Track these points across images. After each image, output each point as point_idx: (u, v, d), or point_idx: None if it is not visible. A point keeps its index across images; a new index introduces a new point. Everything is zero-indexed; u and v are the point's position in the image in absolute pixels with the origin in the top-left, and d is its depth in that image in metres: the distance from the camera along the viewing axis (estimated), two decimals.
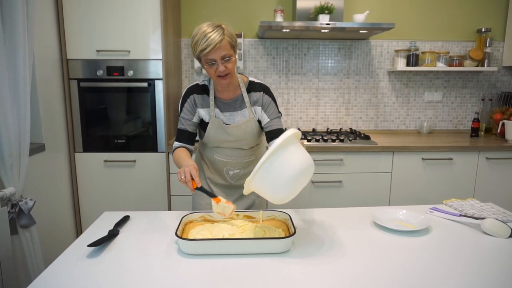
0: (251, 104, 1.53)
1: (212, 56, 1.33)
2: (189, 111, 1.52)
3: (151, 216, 1.38)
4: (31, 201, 1.67)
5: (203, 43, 1.30)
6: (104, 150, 2.45)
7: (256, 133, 1.56)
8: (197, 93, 1.52)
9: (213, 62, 1.35)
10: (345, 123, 3.11)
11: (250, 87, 1.54)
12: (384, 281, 0.92)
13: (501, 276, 0.95)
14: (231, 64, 1.38)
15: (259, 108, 1.54)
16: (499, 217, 1.30)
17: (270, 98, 1.55)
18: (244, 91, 1.52)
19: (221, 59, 1.34)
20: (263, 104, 1.53)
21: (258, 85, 1.56)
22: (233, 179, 1.63)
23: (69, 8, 2.28)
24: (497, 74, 3.09)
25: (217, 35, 1.30)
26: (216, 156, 1.59)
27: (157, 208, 2.49)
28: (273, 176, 1.04)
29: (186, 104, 1.52)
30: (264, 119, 1.54)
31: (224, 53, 1.33)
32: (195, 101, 1.52)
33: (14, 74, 1.63)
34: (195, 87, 1.54)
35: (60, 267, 1.00)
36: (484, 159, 2.53)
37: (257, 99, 1.53)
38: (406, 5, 2.97)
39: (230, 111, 1.52)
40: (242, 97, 1.53)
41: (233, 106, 1.52)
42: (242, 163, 1.60)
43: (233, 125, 1.51)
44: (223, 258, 1.04)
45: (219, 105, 1.52)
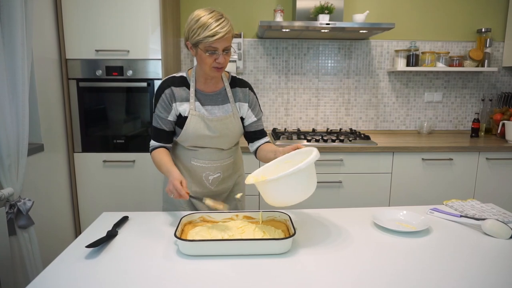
0: (237, 100, 1.49)
1: (217, 45, 1.28)
2: (164, 108, 1.43)
3: (150, 216, 1.37)
4: (29, 201, 1.66)
5: (210, 29, 1.25)
6: (103, 150, 2.44)
7: (238, 130, 1.50)
8: (175, 85, 1.43)
9: (215, 51, 1.30)
10: (345, 123, 3.10)
11: (233, 82, 1.50)
12: (384, 281, 0.92)
13: (502, 277, 0.94)
14: (229, 57, 1.36)
15: (245, 105, 1.50)
16: (500, 218, 1.30)
17: (255, 96, 1.54)
18: (228, 86, 1.48)
19: (223, 50, 1.31)
20: (250, 102, 1.51)
21: (242, 81, 1.52)
22: (213, 185, 1.54)
23: (68, 7, 2.27)
24: (497, 74, 3.08)
25: (225, 25, 1.27)
26: (193, 162, 1.50)
27: (156, 208, 2.47)
28: (292, 188, 1.12)
29: (161, 100, 1.42)
30: (250, 117, 1.51)
31: (227, 44, 1.31)
32: (172, 95, 1.42)
33: (13, 74, 1.62)
34: (172, 79, 1.45)
35: (58, 268, 0.99)
36: (484, 159, 2.53)
37: (243, 95, 1.50)
38: (406, 5, 2.96)
39: (211, 105, 1.45)
40: (225, 91, 1.48)
41: (214, 100, 1.46)
42: (222, 166, 1.52)
43: (216, 118, 1.43)
44: (222, 259, 1.03)
45: (200, 97, 1.44)
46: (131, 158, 2.44)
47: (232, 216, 1.27)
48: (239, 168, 1.66)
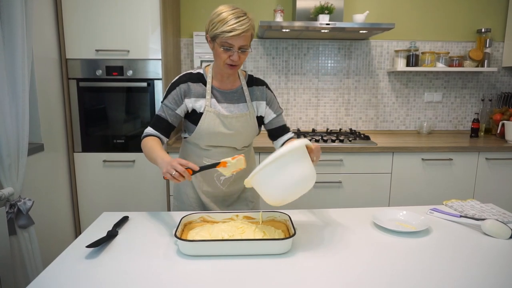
0: (252, 99, 1.48)
1: (233, 41, 1.28)
2: (174, 100, 1.41)
3: (150, 216, 1.37)
4: (29, 201, 1.66)
5: (228, 25, 1.26)
6: (103, 150, 2.44)
7: (253, 129, 1.49)
8: (192, 81, 1.42)
9: (230, 48, 1.30)
10: (345, 123, 3.10)
11: (250, 81, 1.50)
12: (384, 282, 0.92)
13: (502, 277, 0.94)
14: (244, 56, 1.35)
15: (262, 104, 1.49)
16: (499, 218, 1.30)
17: (272, 93, 1.54)
18: (244, 84, 1.48)
19: (239, 48, 1.31)
20: (268, 99, 1.50)
21: (258, 80, 1.53)
22: (224, 185, 1.52)
23: (68, 7, 2.27)
24: (497, 74, 3.09)
25: (245, 23, 1.27)
26: (205, 161, 1.47)
27: (156, 208, 2.48)
28: (276, 179, 1.07)
29: (173, 93, 1.40)
30: (270, 115, 1.51)
31: (244, 43, 1.31)
32: (188, 91, 1.40)
33: (13, 73, 1.62)
34: (190, 75, 1.43)
35: (58, 268, 0.99)
36: (484, 159, 2.53)
37: (260, 94, 1.49)
38: (406, 5, 2.97)
39: (227, 103, 1.44)
40: (242, 89, 1.47)
41: (230, 98, 1.45)
42: None
43: (231, 115, 1.42)
44: (222, 259, 1.03)
45: (216, 95, 1.44)
46: (131, 158, 2.44)
47: (232, 216, 1.27)
48: (251, 168, 1.63)
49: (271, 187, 1.10)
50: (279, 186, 1.09)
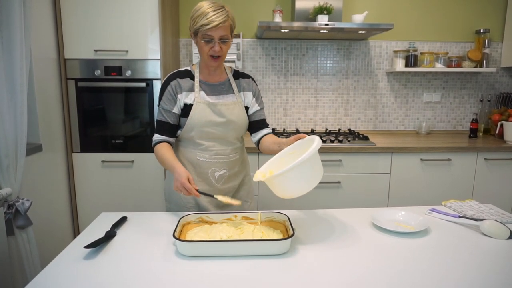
0: (239, 90, 1.54)
1: (212, 33, 1.34)
2: (169, 100, 1.46)
3: (149, 217, 1.37)
4: (27, 201, 1.66)
5: (206, 18, 1.32)
6: (102, 151, 2.44)
7: (244, 118, 1.52)
8: (180, 77, 1.47)
9: (210, 39, 1.36)
10: (344, 123, 3.10)
11: (236, 75, 1.56)
12: (383, 282, 0.92)
13: (500, 277, 0.94)
14: (226, 47, 1.40)
15: (249, 94, 1.55)
16: (498, 219, 1.30)
17: (257, 87, 1.61)
18: (231, 77, 1.54)
19: (219, 39, 1.36)
20: (254, 91, 1.57)
21: (244, 73, 1.59)
22: (219, 182, 1.53)
23: (66, 7, 2.27)
24: (495, 75, 3.09)
25: (221, 15, 1.34)
26: (199, 157, 1.49)
27: (155, 209, 2.48)
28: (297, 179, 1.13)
29: (166, 92, 1.46)
30: (254, 106, 1.56)
31: (223, 33, 1.36)
32: (178, 87, 1.45)
33: (11, 73, 1.62)
34: (177, 72, 1.49)
35: (56, 268, 0.99)
36: (483, 160, 2.53)
37: (247, 85, 1.55)
38: (405, 5, 2.97)
39: (216, 95, 1.49)
40: (229, 82, 1.53)
41: (219, 90, 1.50)
42: (228, 163, 1.53)
43: (222, 102, 1.47)
44: (221, 260, 1.03)
45: (204, 88, 1.48)
46: (129, 158, 2.44)
47: (231, 217, 1.27)
48: (245, 167, 1.67)
49: (292, 186, 1.15)
50: (300, 185, 1.14)
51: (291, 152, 1.28)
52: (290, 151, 1.28)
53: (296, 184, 1.14)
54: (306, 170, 1.12)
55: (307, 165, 1.10)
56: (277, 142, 1.41)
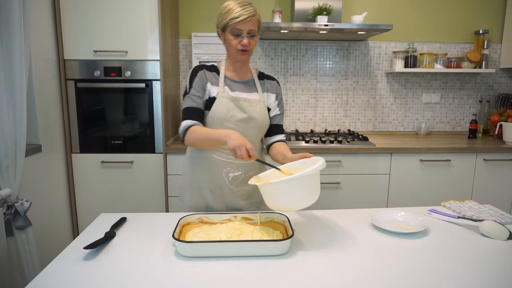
0: (264, 90, 1.54)
1: (241, 26, 1.37)
2: (200, 87, 1.44)
3: (148, 217, 1.37)
4: (27, 202, 1.66)
5: (237, 11, 1.36)
6: (101, 151, 2.44)
7: (265, 117, 1.50)
8: (207, 69, 1.48)
9: (239, 33, 1.38)
10: (343, 124, 3.11)
11: (261, 75, 1.57)
12: (382, 282, 0.92)
13: (500, 278, 0.94)
14: (254, 42, 1.42)
15: (272, 96, 1.55)
16: (497, 219, 1.30)
17: (281, 91, 1.61)
18: (256, 77, 1.55)
19: (248, 33, 1.39)
20: (277, 94, 1.57)
21: (269, 75, 1.60)
22: (232, 183, 1.48)
23: (66, 8, 2.27)
24: (494, 75, 3.10)
25: (250, 9, 1.38)
26: (215, 155, 1.45)
27: (154, 209, 2.48)
28: (290, 192, 1.11)
29: (196, 80, 1.44)
30: (275, 110, 1.56)
31: (252, 27, 1.38)
32: (205, 77, 1.45)
33: (11, 74, 1.62)
34: (203, 65, 1.49)
35: (56, 269, 0.99)
36: (482, 160, 2.53)
37: (271, 87, 1.56)
38: (404, 6, 2.97)
39: (239, 91, 1.48)
40: (253, 81, 1.53)
41: (242, 87, 1.50)
42: (244, 165, 1.47)
43: (244, 97, 1.46)
44: (220, 260, 1.03)
45: (229, 83, 1.48)
46: (129, 159, 2.44)
47: (230, 217, 1.27)
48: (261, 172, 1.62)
49: (283, 198, 1.13)
50: (292, 200, 1.12)
51: (294, 168, 1.27)
52: (293, 167, 1.28)
53: (287, 197, 1.12)
54: (302, 186, 1.10)
55: (304, 182, 1.09)
56: (283, 154, 1.41)
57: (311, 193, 1.13)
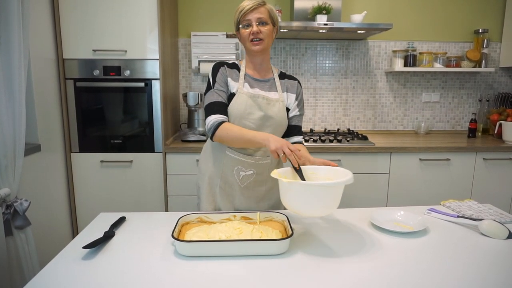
0: (284, 90, 1.51)
1: (248, 16, 1.37)
2: (223, 81, 1.45)
3: (148, 217, 1.37)
4: (26, 202, 1.66)
5: (244, 5, 1.38)
6: (101, 151, 2.43)
7: (283, 117, 1.47)
8: (227, 66, 1.48)
9: (248, 23, 1.38)
10: (343, 123, 3.11)
11: (282, 75, 1.55)
12: (382, 282, 0.92)
13: (499, 277, 0.94)
14: (266, 30, 1.40)
15: (292, 96, 1.52)
16: (497, 218, 1.30)
17: (302, 92, 1.58)
18: (276, 76, 1.52)
19: (257, 20, 1.38)
20: (298, 94, 1.54)
21: (291, 75, 1.57)
22: (243, 182, 1.48)
23: (65, 7, 2.27)
24: (494, 75, 3.10)
25: (257, 1, 1.38)
26: (228, 152, 1.45)
27: (154, 209, 2.48)
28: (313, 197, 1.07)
29: (219, 75, 1.45)
30: (294, 111, 1.53)
31: (260, 15, 1.38)
32: (226, 72, 1.46)
33: (9, 73, 1.62)
34: (224, 62, 1.50)
35: (55, 269, 0.99)
36: (482, 159, 2.53)
37: (291, 87, 1.53)
38: (404, 5, 2.97)
39: (258, 89, 1.47)
40: (274, 80, 1.51)
41: (262, 86, 1.48)
42: (256, 165, 1.46)
43: (263, 95, 1.44)
44: (219, 259, 1.03)
45: (249, 81, 1.47)
46: (128, 158, 2.43)
47: (230, 217, 1.26)
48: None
49: (304, 202, 1.09)
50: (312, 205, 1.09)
51: (312, 172, 1.24)
52: (311, 171, 1.25)
53: (310, 202, 1.08)
54: (329, 195, 1.07)
55: (332, 191, 1.06)
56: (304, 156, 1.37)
57: (334, 204, 1.10)
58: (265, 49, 1.44)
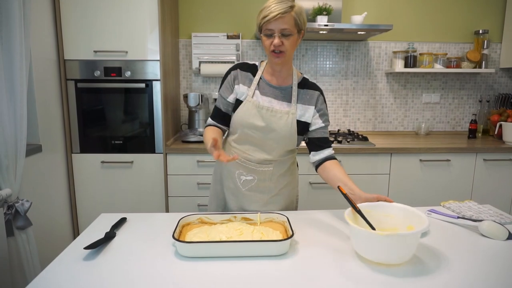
0: (300, 101, 1.41)
1: (271, 26, 1.26)
2: (227, 88, 1.42)
3: (148, 218, 1.37)
4: (27, 202, 1.66)
5: (266, 10, 1.26)
6: (101, 151, 2.44)
7: (289, 131, 1.38)
8: (241, 69, 1.43)
9: (271, 33, 1.28)
10: (343, 124, 3.11)
11: (303, 83, 1.44)
12: (382, 282, 0.92)
13: (499, 278, 0.95)
14: (289, 42, 1.29)
15: (310, 108, 1.41)
16: (497, 219, 1.30)
17: (325, 103, 1.46)
18: (295, 84, 1.41)
19: (280, 31, 1.27)
20: (318, 106, 1.43)
21: (314, 84, 1.46)
22: (244, 186, 1.46)
23: (66, 8, 2.27)
24: (494, 75, 3.10)
25: (283, 6, 1.25)
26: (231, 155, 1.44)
27: (154, 209, 2.48)
28: (379, 245, 0.98)
29: (226, 80, 1.43)
30: (317, 122, 1.42)
31: (284, 26, 1.26)
32: (236, 77, 1.41)
33: (11, 74, 1.62)
34: (242, 64, 1.45)
35: (56, 269, 0.99)
36: (482, 160, 2.53)
37: (310, 98, 1.42)
38: (404, 6, 2.97)
39: (271, 97, 1.39)
40: (291, 89, 1.41)
41: (276, 94, 1.40)
42: (257, 171, 1.43)
43: (270, 107, 1.37)
44: (220, 260, 1.03)
45: (263, 87, 1.40)
46: (129, 159, 2.44)
47: (230, 218, 1.27)
48: (282, 184, 1.49)
49: (367, 246, 1.00)
50: (377, 253, 0.99)
51: (368, 211, 1.13)
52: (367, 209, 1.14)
53: (377, 250, 0.99)
54: (405, 244, 0.98)
55: (407, 240, 0.97)
56: (345, 182, 1.30)
57: (404, 253, 1.00)
58: (287, 61, 1.37)
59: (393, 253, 0.98)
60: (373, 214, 1.13)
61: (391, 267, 0.99)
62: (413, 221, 1.09)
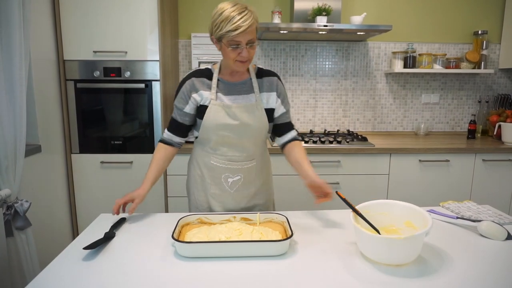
0: (262, 90, 1.45)
1: (240, 38, 1.26)
2: (182, 99, 1.42)
3: (148, 218, 1.37)
4: (26, 202, 1.66)
5: (232, 23, 1.23)
6: (101, 151, 2.44)
7: (263, 123, 1.42)
8: (196, 76, 1.42)
9: (238, 45, 1.28)
10: (343, 124, 3.11)
11: (260, 73, 1.48)
12: (382, 282, 0.92)
13: (498, 278, 0.95)
14: (253, 51, 1.33)
15: (272, 95, 1.45)
16: (496, 220, 1.31)
17: (283, 86, 1.51)
18: (253, 76, 1.45)
19: (247, 43, 1.28)
20: (279, 91, 1.47)
21: (269, 71, 1.50)
22: (232, 188, 1.47)
23: (65, 8, 2.27)
24: (493, 76, 3.10)
25: (248, 18, 1.25)
26: (213, 161, 1.45)
27: (154, 210, 2.48)
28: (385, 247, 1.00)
29: (181, 91, 1.43)
30: (279, 109, 1.48)
31: (250, 37, 1.28)
32: (192, 86, 1.41)
33: (10, 74, 1.62)
34: (195, 71, 1.44)
35: (55, 270, 0.99)
36: (481, 161, 2.54)
37: (270, 84, 1.46)
38: (404, 7, 2.98)
39: (234, 94, 1.41)
40: (250, 81, 1.44)
41: (238, 89, 1.42)
42: (243, 169, 1.46)
43: (236, 104, 1.39)
44: (219, 261, 1.03)
45: (223, 88, 1.42)
46: (128, 159, 2.44)
47: (230, 218, 1.27)
48: (263, 174, 1.55)
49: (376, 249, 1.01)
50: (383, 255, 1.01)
51: (366, 211, 1.15)
52: (365, 209, 1.16)
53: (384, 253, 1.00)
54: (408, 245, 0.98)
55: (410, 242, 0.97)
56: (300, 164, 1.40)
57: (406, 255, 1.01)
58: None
59: (401, 254, 0.99)
60: (372, 214, 1.14)
61: (391, 266, 1.00)
62: (410, 217, 1.12)
